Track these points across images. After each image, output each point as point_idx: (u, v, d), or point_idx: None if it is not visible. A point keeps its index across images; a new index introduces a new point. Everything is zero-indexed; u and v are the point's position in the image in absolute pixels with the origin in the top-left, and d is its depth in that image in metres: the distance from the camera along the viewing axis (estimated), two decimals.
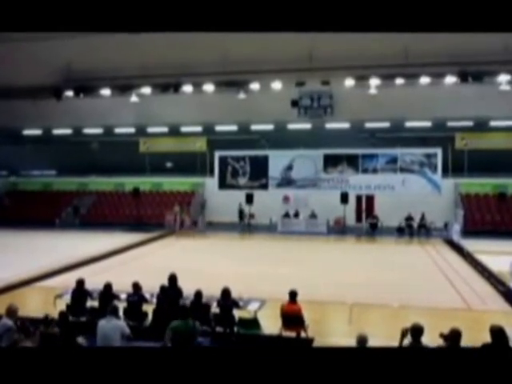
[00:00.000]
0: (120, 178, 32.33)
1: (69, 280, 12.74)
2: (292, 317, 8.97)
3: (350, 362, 3.13)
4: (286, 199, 29.19)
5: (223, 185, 29.51)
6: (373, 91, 23.22)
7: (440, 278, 15.64)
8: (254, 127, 30.57)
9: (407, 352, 4.44)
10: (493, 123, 28.01)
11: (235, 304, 9.38)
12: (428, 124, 28.46)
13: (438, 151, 26.91)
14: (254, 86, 23.84)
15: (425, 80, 21.80)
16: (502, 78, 20.85)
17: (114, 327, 7.30)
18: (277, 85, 23.35)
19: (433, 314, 11.53)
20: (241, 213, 28.62)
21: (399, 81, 22.13)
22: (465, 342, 6.28)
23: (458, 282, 15.05)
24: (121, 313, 8.92)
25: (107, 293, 9.66)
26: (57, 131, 33.20)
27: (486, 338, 6.11)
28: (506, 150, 27.10)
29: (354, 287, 14.04)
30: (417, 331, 6.16)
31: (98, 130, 32.75)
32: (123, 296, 9.91)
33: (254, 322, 9.28)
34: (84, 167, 32.60)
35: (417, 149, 27.52)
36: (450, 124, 28.23)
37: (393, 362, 3.11)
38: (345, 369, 3.07)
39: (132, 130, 32.33)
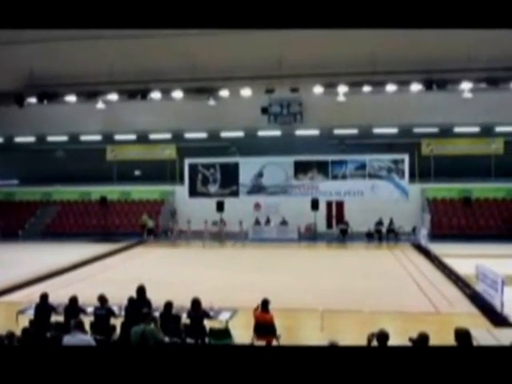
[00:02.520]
0: (86, 187, 31.65)
1: (32, 294, 12.36)
2: (264, 326, 8.88)
3: (322, 362, 3.09)
4: (256, 206, 29.13)
5: (194, 193, 29.30)
6: (341, 98, 23.45)
7: (409, 283, 15.82)
8: (224, 134, 30.48)
9: (377, 352, 4.43)
10: (457, 129, 28.70)
11: (206, 314, 9.22)
12: (395, 131, 28.94)
13: (405, 157, 27.41)
14: (224, 92, 23.74)
15: (391, 88, 22.15)
16: (465, 85, 21.36)
17: (79, 342, 7.05)
18: (246, 92, 23.32)
19: (402, 318, 11.65)
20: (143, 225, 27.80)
21: (367, 88, 22.41)
22: (433, 344, 6.32)
23: (426, 285, 15.26)
24: (87, 327, 8.65)
25: (73, 307, 9.34)
26: (19, 139, 32.35)
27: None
28: (469, 156, 27.79)
29: (326, 293, 14.06)
30: (382, 337, 6.24)
31: (63, 138, 32.03)
32: (90, 309, 9.62)
33: (225, 332, 9.13)
34: (48, 176, 31.76)
35: (384, 155, 27.95)
36: (416, 130, 28.79)
37: (364, 362, 3.10)
38: (317, 368, 3.03)
39: (99, 137, 31.76)
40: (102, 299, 9.45)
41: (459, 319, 11.31)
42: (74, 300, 9.48)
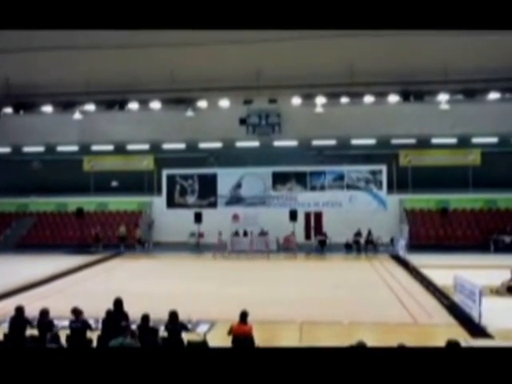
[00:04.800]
0: (62, 198, 31.13)
1: (6, 307, 12.05)
2: (242, 338, 8.75)
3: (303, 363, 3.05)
4: (235, 217, 29.00)
5: (171, 204, 29.04)
6: (319, 109, 23.61)
7: (387, 294, 15.85)
8: (203, 145, 30.37)
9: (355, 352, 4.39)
10: (434, 140, 29.10)
11: (184, 327, 9.08)
12: (373, 142, 29.19)
13: (383, 168, 27.62)
14: (202, 103, 23.71)
15: (369, 99, 22.39)
16: (442, 97, 21.72)
17: None
18: (225, 102, 23.32)
19: (381, 329, 11.66)
20: (96, 236, 27.50)
21: (344, 99, 22.63)
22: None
23: (405, 296, 15.30)
24: (63, 340, 8.44)
25: (44, 320, 9.10)
26: None
27: None
28: (447, 167, 28.14)
29: (304, 305, 13.98)
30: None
31: (39, 149, 31.53)
32: (65, 322, 9.39)
33: (203, 345, 8.97)
34: (24, 187, 31.19)
35: (362, 166, 28.14)
36: (394, 141, 29.10)
37: (342, 363, 3.05)
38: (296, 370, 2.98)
39: (75, 148, 31.36)
40: (76, 312, 9.24)
41: (437, 330, 11.37)
42: (44, 313, 9.24)
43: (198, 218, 27.31)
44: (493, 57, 18.78)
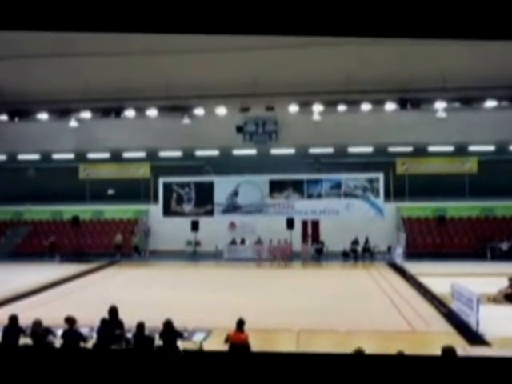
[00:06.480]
0: (58, 207, 30.96)
1: (0, 316, 11.90)
2: (239, 346, 8.65)
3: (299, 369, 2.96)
4: (231, 226, 28.89)
5: (168, 212, 28.90)
6: (316, 117, 23.61)
7: (385, 302, 15.76)
8: (199, 153, 30.32)
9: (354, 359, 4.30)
10: (431, 148, 29.09)
11: (179, 335, 8.97)
12: (370, 150, 29.18)
13: (380, 176, 27.58)
14: (199, 111, 23.69)
15: (366, 107, 22.42)
16: (439, 105, 21.76)
17: None
18: (221, 110, 23.30)
19: (379, 337, 11.57)
20: (52, 245, 27.51)
21: (342, 107, 22.65)
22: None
23: (402, 304, 15.22)
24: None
25: (37, 331, 8.97)
26: None
27: None
28: (444, 175, 28.15)
29: (301, 313, 13.86)
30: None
31: (35, 156, 31.40)
32: (59, 332, 9.26)
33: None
34: (19, 195, 31.00)
35: (360, 174, 28.11)
36: (391, 149, 29.09)
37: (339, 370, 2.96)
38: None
39: (71, 155, 31.23)
40: (70, 320, 9.11)
41: (435, 338, 11.26)
42: (37, 324, 9.11)
43: (195, 226, 27.20)
44: (490, 65, 18.85)
